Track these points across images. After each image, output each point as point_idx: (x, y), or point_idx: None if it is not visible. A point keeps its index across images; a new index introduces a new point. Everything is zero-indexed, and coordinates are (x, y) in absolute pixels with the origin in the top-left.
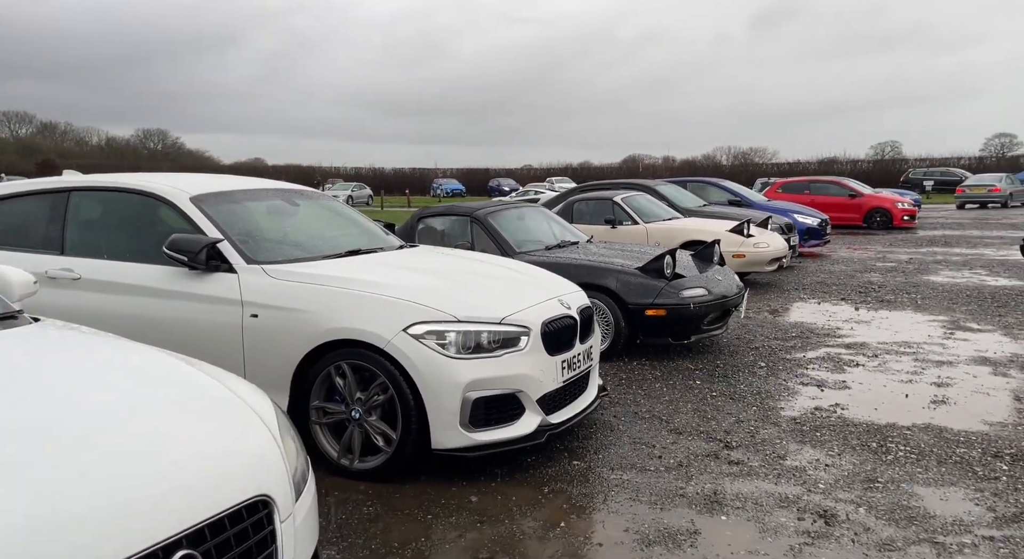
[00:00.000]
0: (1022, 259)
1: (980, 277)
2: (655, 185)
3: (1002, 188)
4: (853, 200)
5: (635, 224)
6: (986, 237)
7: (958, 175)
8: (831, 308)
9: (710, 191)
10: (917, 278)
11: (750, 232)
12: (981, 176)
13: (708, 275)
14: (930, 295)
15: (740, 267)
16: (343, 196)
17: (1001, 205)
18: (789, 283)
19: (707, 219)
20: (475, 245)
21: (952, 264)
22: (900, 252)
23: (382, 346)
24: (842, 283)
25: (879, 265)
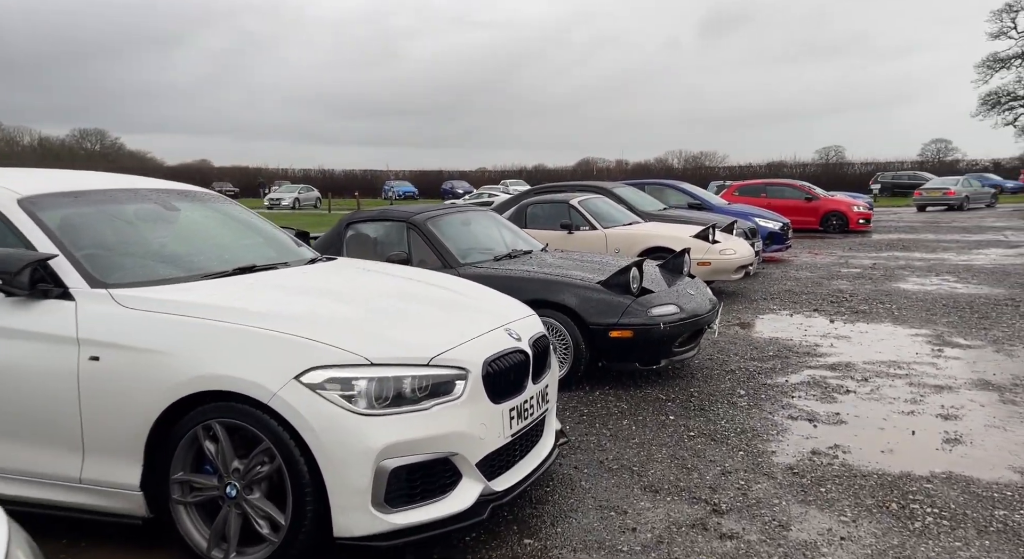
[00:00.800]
0: (986, 264)
1: (950, 284)
2: (612, 187)
3: (956, 191)
4: (809, 203)
5: (593, 229)
6: (942, 241)
7: (924, 178)
8: (805, 321)
9: (669, 194)
10: (887, 285)
11: (715, 238)
12: (941, 179)
13: (678, 289)
14: (905, 305)
15: (706, 276)
16: (289, 199)
17: (957, 207)
18: (757, 292)
19: (669, 224)
20: (412, 256)
21: (917, 270)
22: (862, 257)
23: (265, 400)
24: (811, 292)
25: (844, 271)
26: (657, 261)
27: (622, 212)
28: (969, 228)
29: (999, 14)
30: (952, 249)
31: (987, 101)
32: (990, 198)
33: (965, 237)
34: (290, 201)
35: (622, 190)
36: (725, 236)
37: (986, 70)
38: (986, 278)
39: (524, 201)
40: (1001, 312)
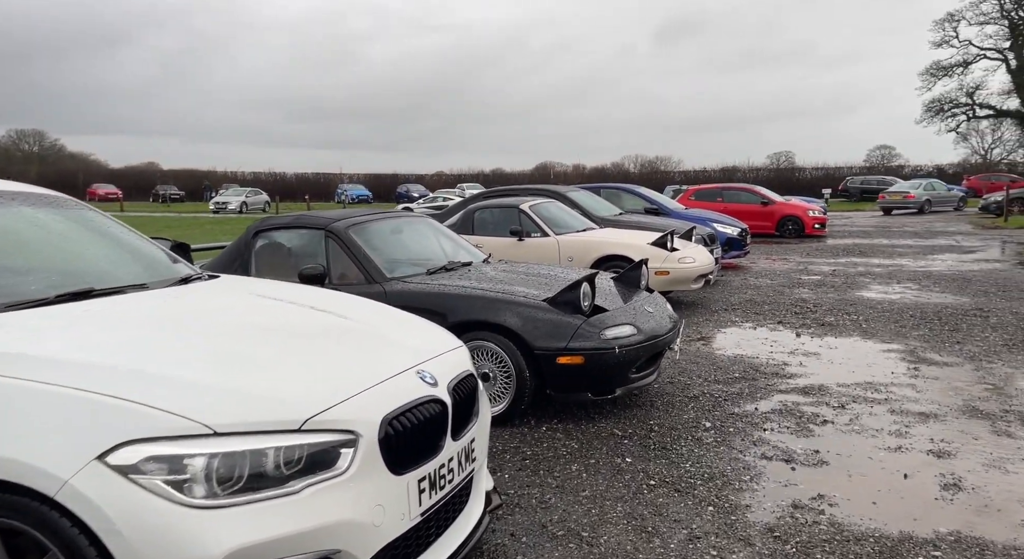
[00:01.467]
0: (944, 271)
1: (914, 292)
2: (566, 191)
3: (916, 194)
4: (765, 208)
5: (545, 236)
6: (896, 246)
7: (891, 183)
8: (770, 335)
9: (625, 198)
10: (850, 294)
11: (674, 245)
12: (903, 183)
13: (636, 306)
14: (873, 316)
15: (664, 286)
16: (236, 203)
17: (919, 210)
18: (717, 302)
19: (625, 230)
20: (331, 270)
21: (878, 277)
22: (820, 263)
23: (51, 493)
24: (773, 301)
25: (805, 279)
26: (612, 273)
27: (576, 218)
28: (921, 233)
29: (941, 23)
30: (908, 255)
31: (931, 108)
32: (958, 202)
33: (919, 242)
34: (237, 205)
35: (576, 194)
36: (684, 243)
37: (929, 78)
38: (948, 286)
39: (471, 206)
40: (971, 324)
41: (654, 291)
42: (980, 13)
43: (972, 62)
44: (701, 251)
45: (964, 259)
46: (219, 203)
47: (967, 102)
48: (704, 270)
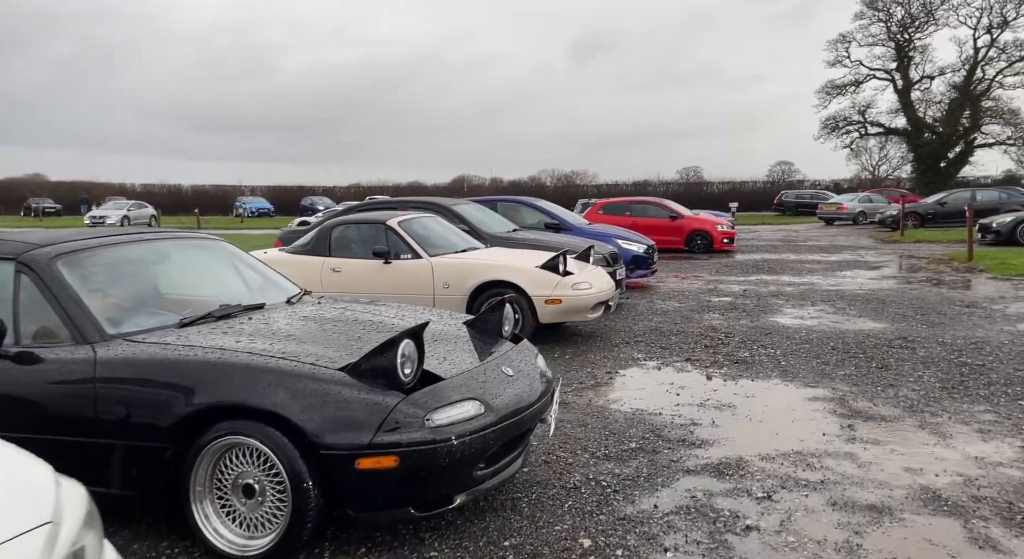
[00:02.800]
0: (857, 290)
1: (829, 317)
2: (454, 205)
3: (849, 206)
4: (674, 222)
5: (416, 257)
6: (804, 262)
7: (826, 197)
8: (677, 377)
9: (524, 213)
10: (763, 320)
11: (567, 268)
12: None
13: (489, 367)
14: (791, 349)
15: (555, 317)
16: (116, 217)
17: (852, 221)
18: (618, 333)
19: (516, 250)
20: (18, 321)
21: (790, 298)
22: (730, 281)
23: None
24: (681, 330)
25: (715, 301)
26: (469, 317)
27: (459, 236)
28: (826, 247)
29: (834, 44)
30: (817, 271)
31: (827, 125)
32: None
33: (825, 257)
34: (117, 219)
35: (465, 208)
36: (581, 265)
37: (825, 96)
38: (864, 308)
39: (329, 222)
40: (899, 358)
41: (523, 340)
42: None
43: (863, 81)
44: (600, 274)
45: (872, 276)
46: (95, 217)
47: (859, 120)
48: (603, 296)
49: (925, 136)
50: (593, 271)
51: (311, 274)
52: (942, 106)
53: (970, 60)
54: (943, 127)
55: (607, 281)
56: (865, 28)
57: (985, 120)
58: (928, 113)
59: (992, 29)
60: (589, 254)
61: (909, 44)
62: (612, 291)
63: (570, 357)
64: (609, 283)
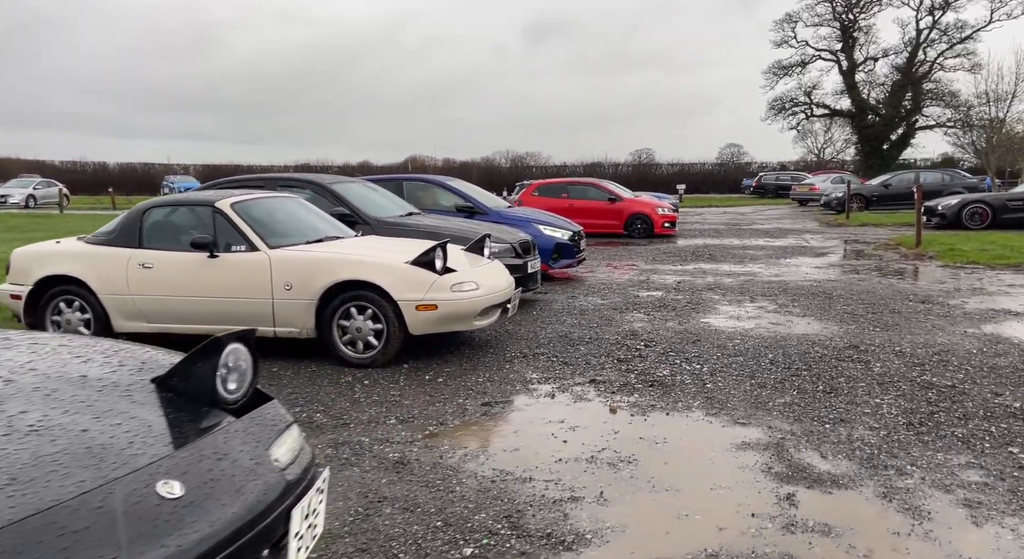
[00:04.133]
0: (801, 281)
1: (770, 317)
2: (333, 183)
3: (821, 187)
4: (613, 205)
5: (252, 250)
6: (748, 248)
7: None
8: (572, 410)
9: (436, 194)
10: (694, 322)
11: (447, 265)
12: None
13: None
14: (721, 366)
15: (430, 326)
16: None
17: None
18: (517, 341)
19: (392, 240)
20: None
21: (728, 292)
22: (666, 271)
23: None
24: (595, 337)
25: (644, 295)
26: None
27: (325, 221)
28: (771, 231)
29: (780, 24)
30: (760, 259)
31: (774, 106)
32: None
33: (769, 242)
34: (21, 198)
35: (347, 187)
36: (473, 259)
37: (772, 77)
38: (808, 305)
39: (142, 204)
40: (851, 377)
41: (262, 405)
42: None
43: (809, 62)
44: (494, 271)
45: (818, 264)
46: None
47: (805, 101)
48: (496, 298)
49: (869, 118)
50: (486, 267)
51: (113, 270)
52: (885, 88)
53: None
54: (886, 109)
55: (504, 279)
56: (811, 8)
57: (926, 102)
58: (872, 95)
59: (934, 10)
60: (483, 245)
61: (854, 25)
62: (510, 291)
63: (443, 381)
64: (507, 281)
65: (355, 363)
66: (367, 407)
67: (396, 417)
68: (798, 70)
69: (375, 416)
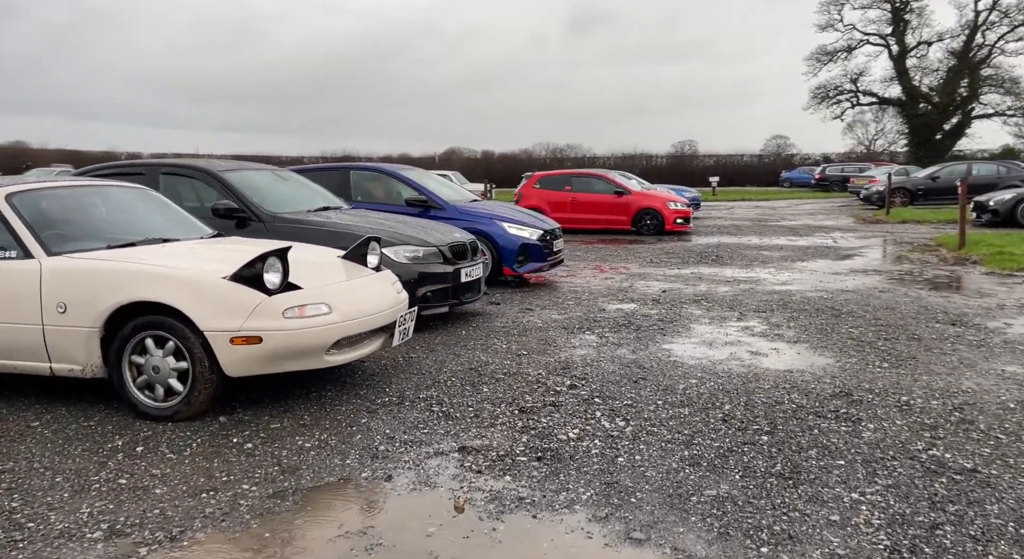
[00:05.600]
0: (808, 291)
1: (751, 344)
2: (224, 171)
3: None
4: (620, 198)
5: (25, 257)
6: (765, 247)
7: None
8: (399, 508)
9: (387, 185)
10: (652, 350)
11: (287, 280)
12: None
13: None
14: (652, 425)
15: (253, 365)
16: None
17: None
18: (408, 377)
19: (242, 245)
20: None
21: (716, 305)
22: (656, 276)
23: None
24: (513, 372)
25: (612, 310)
26: None
27: (167, 218)
28: (797, 229)
29: (826, 6)
30: (773, 261)
31: (816, 94)
32: None
33: (791, 241)
34: None
35: (243, 176)
36: (353, 269)
37: (815, 63)
38: (807, 325)
39: None
40: (827, 450)
41: None
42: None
43: (856, 47)
44: (366, 287)
45: (837, 270)
46: None
47: (851, 89)
48: (366, 324)
49: (920, 106)
50: (360, 280)
51: None
52: (939, 74)
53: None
54: (939, 97)
55: (385, 297)
56: None
57: (984, 89)
58: (924, 82)
59: None
60: (366, 251)
61: (906, 7)
62: (395, 311)
63: (253, 446)
64: (390, 300)
65: (152, 415)
66: (87, 500)
67: (109, 525)
68: (843, 56)
69: (81, 523)
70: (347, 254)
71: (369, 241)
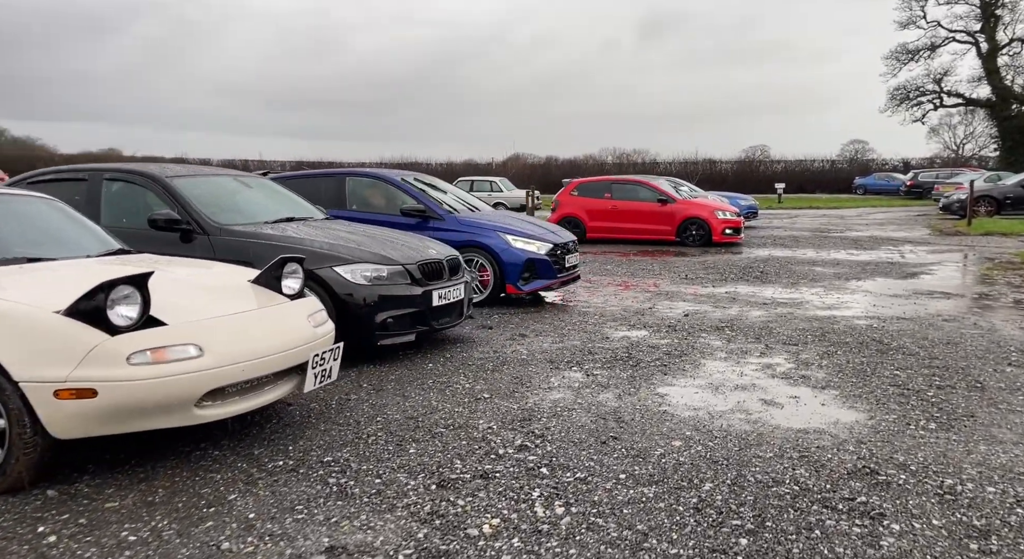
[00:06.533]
0: (858, 317)
1: (766, 389)
2: (172, 177)
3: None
4: (664, 207)
5: None
6: (818, 262)
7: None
8: None
9: (386, 192)
10: (642, 395)
11: (147, 313)
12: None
13: None
14: (602, 513)
15: (97, 425)
16: None
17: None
18: (328, 429)
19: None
20: None
21: (741, 333)
22: (685, 295)
23: None
24: (460, 425)
25: (617, 337)
26: None
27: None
28: (862, 241)
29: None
30: (824, 279)
31: (895, 96)
32: None
33: (852, 256)
34: None
35: (192, 183)
36: (264, 296)
37: (894, 62)
38: (843, 364)
39: None
40: None
41: None
42: None
43: (940, 45)
44: (261, 321)
45: (897, 291)
46: None
47: (934, 89)
48: (252, 370)
49: (1012, 107)
50: (256, 313)
51: None
52: None
53: None
54: None
55: (287, 333)
56: None
57: None
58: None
59: None
60: (280, 274)
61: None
62: (303, 351)
63: (80, 530)
64: (295, 336)
65: None
66: None
67: None
68: (926, 54)
69: None
70: (258, 278)
71: (285, 262)
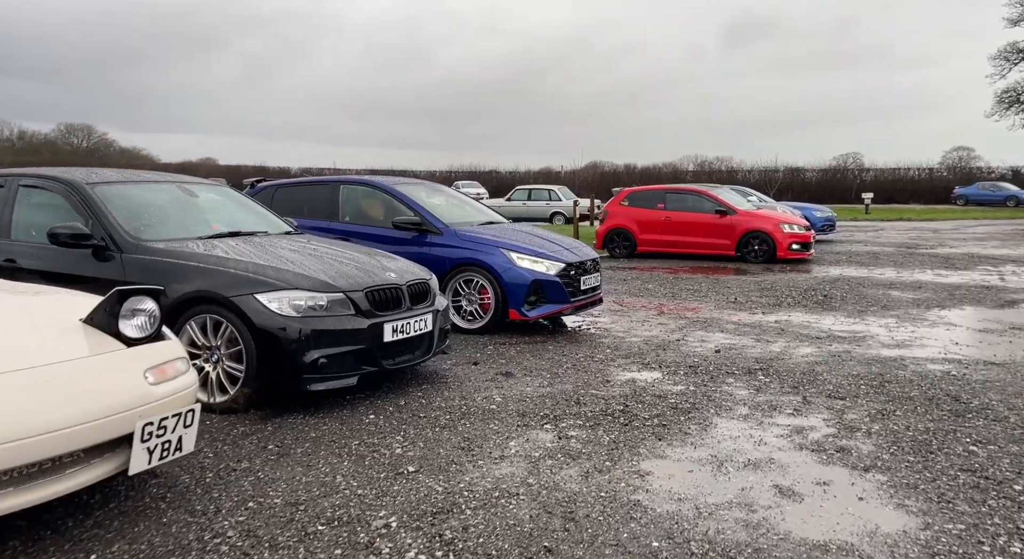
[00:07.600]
0: (931, 359)
1: (785, 466)
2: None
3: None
4: (723, 219)
5: None
6: (896, 285)
7: None
8: None
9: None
10: (616, 476)
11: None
12: None
13: None
14: None
15: None
16: None
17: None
18: (180, 516)
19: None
20: None
21: (775, 379)
22: (726, 325)
23: None
24: (346, 523)
25: (621, 380)
26: None
27: None
28: (954, 259)
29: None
30: (899, 306)
31: (1003, 99)
32: None
33: (940, 278)
34: None
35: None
36: (93, 341)
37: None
38: (898, 435)
39: None
40: None
41: None
42: None
43: None
44: (64, 378)
45: (991, 324)
46: None
47: None
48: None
49: None
50: (61, 367)
51: None
52: None
53: None
54: None
55: (101, 395)
56: None
57: None
58: None
59: None
60: (117, 311)
61: None
62: (128, 415)
63: None
64: (116, 399)
65: None
66: None
67: None
68: None
69: None
70: (91, 315)
71: (125, 296)
